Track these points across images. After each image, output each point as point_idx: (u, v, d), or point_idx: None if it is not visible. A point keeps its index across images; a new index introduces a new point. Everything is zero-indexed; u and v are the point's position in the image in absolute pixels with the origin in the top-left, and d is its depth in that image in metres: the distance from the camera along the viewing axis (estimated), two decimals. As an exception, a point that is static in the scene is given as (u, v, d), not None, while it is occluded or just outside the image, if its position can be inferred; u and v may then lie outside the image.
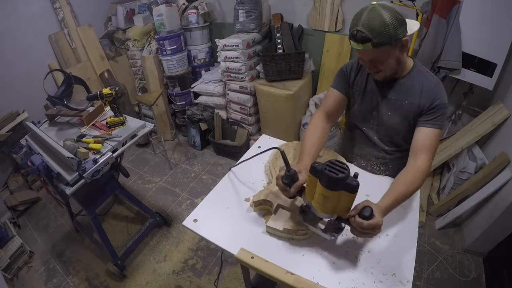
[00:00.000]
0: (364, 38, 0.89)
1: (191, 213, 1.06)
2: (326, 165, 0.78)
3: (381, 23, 0.87)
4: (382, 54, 0.93)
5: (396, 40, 0.90)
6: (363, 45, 0.90)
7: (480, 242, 1.88)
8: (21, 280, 2.08)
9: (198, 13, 2.76)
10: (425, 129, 1.01)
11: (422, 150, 0.99)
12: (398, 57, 0.97)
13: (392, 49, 0.93)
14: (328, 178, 0.76)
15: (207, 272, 1.98)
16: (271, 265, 0.87)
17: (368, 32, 0.88)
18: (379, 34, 0.87)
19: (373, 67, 1.00)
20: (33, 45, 2.69)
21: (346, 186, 0.76)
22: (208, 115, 2.94)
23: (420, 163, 0.97)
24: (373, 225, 0.79)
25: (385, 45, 0.90)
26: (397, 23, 0.89)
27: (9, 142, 2.53)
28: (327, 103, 1.20)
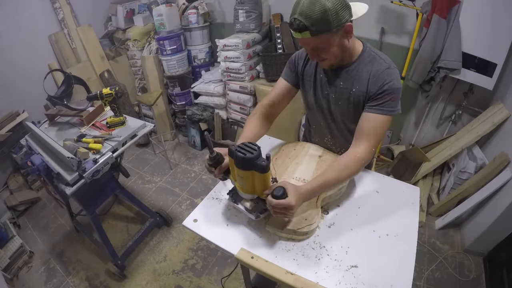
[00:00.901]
0: (301, 27, 0.84)
1: (191, 213, 1.06)
2: (237, 146, 0.83)
3: (320, 9, 0.81)
4: (323, 42, 0.89)
5: (337, 27, 0.86)
6: (301, 33, 0.86)
7: (480, 242, 1.88)
8: (21, 280, 2.08)
9: (198, 13, 2.76)
10: (369, 114, 0.97)
11: (363, 136, 0.96)
12: (341, 44, 0.93)
13: (333, 36, 0.88)
14: (237, 158, 0.81)
15: (207, 272, 1.98)
16: (271, 265, 0.87)
17: (305, 20, 0.83)
18: (317, 21, 0.83)
19: (315, 56, 0.96)
20: (33, 45, 2.69)
21: (255, 166, 0.81)
22: (208, 115, 2.94)
23: (359, 150, 0.95)
24: (283, 205, 0.81)
25: (325, 33, 0.86)
26: (339, 7, 0.83)
27: (9, 142, 2.53)
28: (273, 92, 1.18)
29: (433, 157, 2.26)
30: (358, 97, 1.01)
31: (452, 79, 2.07)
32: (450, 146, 2.17)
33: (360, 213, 1.03)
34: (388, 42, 2.25)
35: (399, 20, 2.13)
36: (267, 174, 0.83)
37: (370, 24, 2.25)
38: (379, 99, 0.96)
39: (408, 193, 1.11)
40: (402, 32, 2.17)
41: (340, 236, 0.96)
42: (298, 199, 0.84)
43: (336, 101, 1.08)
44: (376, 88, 0.96)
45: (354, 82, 1.01)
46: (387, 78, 0.95)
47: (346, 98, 1.04)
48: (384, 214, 1.02)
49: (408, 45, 2.10)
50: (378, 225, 0.98)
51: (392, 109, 0.97)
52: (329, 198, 1.06)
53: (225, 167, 0.96)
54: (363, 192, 1.12)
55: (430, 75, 2.02)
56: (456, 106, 2.24)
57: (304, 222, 0.94)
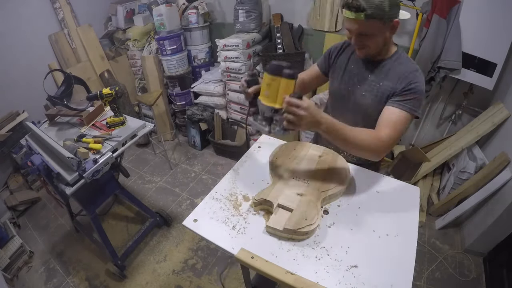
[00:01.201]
0: (359, 7, 0.87)
1: (191, 213, 1.06)
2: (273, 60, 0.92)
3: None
4: (372, 28, 0.92)
5: (388, 18, 0.90)
6: (356, 13, 0.89)
7: (480, 242, 1.88)
8: (21, 280, 2.08)
9: (198, 13, 2.77)
10: (392, 108, 1.00)
11: (385, 125, 0.98)
12: (386, 37, 0.97)
13: (383, 26, 0.92)
14: (271, 66, 0.92)
15: (207, 272, 1.98)
16: (271, 265, 0.87)
17: (364, 2, 0.86)
18: (375, 6, 0.87)
19: (359, 42, 0.99)
20: (33, 45, 2.69)
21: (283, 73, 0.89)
22: (208, 115, 2.94)
23: (380, 133, 0.97)
24: (296, 103, 0.84)
25: (377, 20, 0.89)
26: (393, 2, 0.89)
27: (9, 142, 2.53)
28: (304, 73, 1.27)
29: (433, 157, 2.26)
30: (384, 92, 1.04)
31: (452, 79, 2.07)
32: (450, 146, 2.17)
33: (360, 213, 1.03)
34: (388, 42, 2.25)
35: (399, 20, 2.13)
36: (292, 81, 0.90)
37: (370, 24, 2.25)
38: (403, 95, 0.99)
39: (408, 193, 1.11)
40: (402, 32, 2.17)
41: (340, 236, 0.96)
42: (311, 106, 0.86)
43: (361, 92, 1.11)
44: (403, 85, 1.00)
45: (383, 77, 1.05)
46: (414, 78, 0.99)
47: (371, 91, 1.08)
48: (384, 214, 1.02)
49: (408, 45, 2.10)
50: (378, 225, 0.98)
51: (414, 109, 0.99)
52: (329, 198, 1.06)
53: (257, 89, 1.00)
54: (363, 192, 1.12)
55: (430, 75, 2.02)
56: (456, 106, 2.24)
57: (304, 222, 0.94)
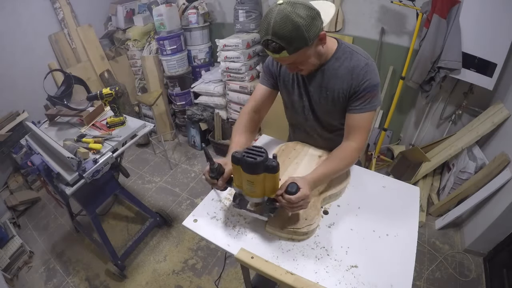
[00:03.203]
0: (278, 48, 0.83)
1: (191, 213, 1.06)
2: (244, 152, 0.82)
3: (292, 27, 0.79)
4: (300, 57, 0.88)
5: (312, 39, 0.84)
6: (278, 54, 0.85)
7: (480, 242, 1.88)
8: (21, 280, 2.08)
9: (198, 13, 2.77)
10: (354, 115, 1.00)
11: (353, 132, 1.01)
12: (317, 52, 0.93)
13: (310, 48, 0.87)
14: (247, 164, 0.80)
15: (207, 272, 1.98)
16: (271, 265, 0.87)
17: (280, 41, 0.81)
18: (293, 39, 0.81)
19: (294, 68, 0.96)
20: (33, 45, 2.69)
21: (266, 168, 0.81)
22: (208, 115, 2.94)
23: (352, 142, 1.00)
24: (301, 198, 0.84)
25: (302, 49, 0.85)
26: (310, 20, 0.81)
27: (9, 142, 2.53)
28: (254, 98, 1.19)
29: (433, 157, 2.26)
30: (338, 94, 1.02)
31: (452, 79, 2.07)
32: (450, 146, 2.17)
33: (360, 213, 1.03)
34: (388, 42, 2.25)
35: (399, 20, 2.13)
36: (277, 174, 0.84)
37: (370, 24, 2.25)
38: (360, 99, 0.98)
39: (408, 193, 1.11)
40: (402, 32, 2.17)
41: (340, 236, 0.96)
42: (309, 188, 0.88)
43: (317, 100, 1.09)
44: (356, 86, 0.97)
45: (332, 80, 1.01)
46: (365, 74, 0.95)
47: (325, 97, 1.05)
48: (384, 214, 1.02)
49: (408, 45, 2.10)
50: (378, 225, 0.98)
51: (374, 105, 0.99)
52: (329, 198, 1.06)
53: (227, 177, 0.94)
54: (363, 192, 1.12)
55: (430, 75, 2.02)
56: (456, 106, 2.24)
57: (304, 222, 0.94)
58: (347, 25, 2.36)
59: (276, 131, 2.59)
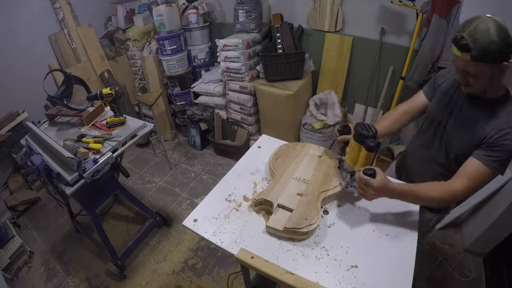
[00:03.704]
0: (465, 47, 0.84)
1: (191, 213, 1.07)
2: (361, 124, 0.98)
3: (487, 38, 0.80)
4: (477, 70, 0.86)
5: (495, 61, 0.84)
6: (461, 52, 0.85)
7: (480, 242, 1.88)
8: (21, 280, 2.08)
9: (198, 13, 2.77)
10: (477, 161, 0.93)
11: (464, 177, 0.94)
12: (493, 78, 0.89)
13: (489, 68, 0.85)
14: (356, 131, 0.98)
15: (207, 272, 1.98)
16: (271, 265, 0.87)
17: (470, 42, 0.82)
18: (481, 48, 0.81)
19: (463, 78, 0.93)
20: (33, 45, 2.69)
21: (365, 142, 0.95)
22: (208, 115, 2.94)
23: (456, 184, 0.93)
24: (365, 181, 0.89)
25: (483, 62, 0.84)
26: (504, 44, 0.81)
27: (9, 142, 2.53)
28: (412, 100, 1.22)
29: (433, 157, 2.26)
30: (477, 134, 0.95)
31: (452, 79, 2.07)
32: (450, 146, 2.17)
33: (360, 213, 1.03)
34: (388, 42, 2.25)
35: (399, 20, 2.13)
36: (370, 153, 0.95)
37: (370, 24, 2.25)
38: (493, 151, 0.91)
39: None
40: (402, 32, 2.17)
41: (340, 236, 0.96)
42: (381, 186, 0.89)
43: (456, 126, 1.03)
44: (496, 137, 0.91)
45: (482, 118, 0.96)
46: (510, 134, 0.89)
47: (463, 127, 1.01)
48: (384, 215, 1.02)
49: (408, 45, 2.10)
50: (378, 225, 0.98)
51: (498, 168, 0.92)
52: (329, 198, 1.07)
53: (347, 138, 1.08)
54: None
55: (430, 75, 2.02)
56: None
57: (304, 222, 0.94)
58: (347, 25, 2.36)
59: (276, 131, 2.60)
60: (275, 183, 1.10)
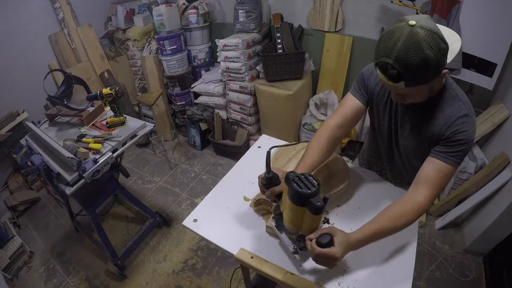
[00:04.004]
0: (396, 77, 0.73)
1: (191, 213, 1.07)
2: (296, 177, 0.74)
3: (420, 59, 0.68)
4: (415, 91, 0.79)
5: (434, 77, 0.75)
6: (394, 83, 0.75)
7: (480, 242, 1.88)
8: (21, 280, 2.08)
9: (198, 13, 2.76)
10: (436, 161, 0.86)
11: (425, 183, 0.86)
12: (432, 88, 0.84)
13: (427, 86, 0.78)
14: (293, 190, 0.73)
15: (207, 272, 1.98)
16: (270, 265, 0.87)
17: (402, 69, 0.71)
18: (416, 74, 0.71)
19: (400, 99, 0.86)
20: (33, 45, 2.69)
21: (309, 204, 0.73)
22: (208, 115, 2.94)
23: (419, 197, 0.85)
24: (326, 255, 0.75)
25: (421, 85, 0.76)
26: (440, 56, 0.70)
27: (9, 142, 2.53)
28: (342, 110, 1.05)
29: (433, 157, 2.26)
30: (428, 135, 0.91)
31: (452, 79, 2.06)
32: (450, 146, 2.16)
33: (360, 214, 1.03)
34: (388, 42, 2.25)
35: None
36: (319, 216, 0.77)
37: (370, 24, 2.25)
38: (450, 147, 0.86)
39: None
40: (402, 32, 2.17)
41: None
42: (344, 250, 0.78)
43: (406, 135, 0.99)
44: (449, 134, 0.86)
45: (428, 120, 0.91)
46: (463, 126, 0.85)
47: (414, 133, 0.96)
48: (384, 214, 1.02)
49: (408, 45, 2.10)
50: (378, 225, 0.98)
51: (459, 161, 0.86)
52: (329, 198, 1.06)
53: (278, 191, 0.88)
54: (363, 192, 1.12)
55: (430, 75, 2.01)
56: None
57: (304, 222, 0.94)
58: (347, 25, 2.36)
59: (276, 131, 2.60)
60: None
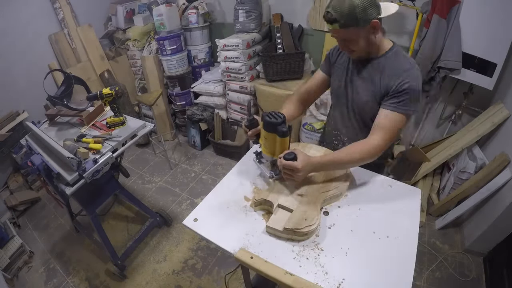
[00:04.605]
0: (332, 19, 0.95)
1: (191, 213, 1.06)
2: (267, 114, 0.99)
3: (349, 5, 0.90)
4: (350, 35, 0.98)
5: (364, 22, 0.94)
6: (331, 25, 0.97)
7: (480, 242, 1.88)
8: (21, 280, 2.08)
9: (198, 13, 2.76)
10: (385, 111, 1.03)
11: (378, 129, 1.02)
12: (368, 39, 1.00)
13: (360, 30, 0.96)
14: (264, 121, 0.99)
15: (207, 272, 1.98)
16: (270, 265, 0.87)
17: (335, 14, 0.93)
18: (346, 16, 0.92)
19: (345, 47, 1.04)
20: (33, 45, 2.69)
21: (277, 130, 0.97)
22: (208, 115, 2.94)
23: (373, 140, 1.01)
24: (290, 166, 0.96)
25: (352, 27, 0.95)
26: (368, 5, 0.91)
27: (9, 142, 2.53)
28: (311, 80, 1.30)
29: (433, 157, 2.26)
30: (377, 90, 1.06)
31: (452, 79, 2.07)
32: (450, 146, 2.17)
33: (361, 214, 1.03)
34: (388, 42, 2.25)
35: (399, 20, 2.13)
36: (285, 139, 0.99)
37: (370, 24, 2.25)
38: (396, 97, 1.01)
39: (409, 195, 1.10)
40: (402, 32, 2.17)
41: (340, 237, 0.96)
42: (305, 165, 0.97)
43: (357, 89, 1.14)
44: (396, 84, 1.01)
45: (376, 75, 1.07)
46: (408, 76, 1.00)
47: (366, 88, 1.11)
48: (384, 216, 1.02)
49: (408, 45, 2.10)
50: (379, 227, 0.98)
51: (408, 109, 1.01)
52: (330, 199, 1.06)
53: (257, 131, 1.11)
54: (363, 193, 1.12)
55: (430, 75, 2.02)
56: (456, 106, 2.24)
57: (304, 223, 0.94)
58: (347, 25, 2.36)
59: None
60: (275, 183, 1.10)
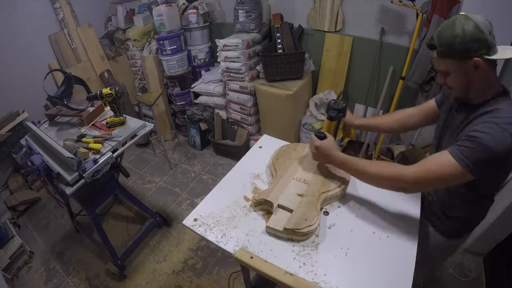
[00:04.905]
0: (431, 45, 0.89)
1: (192, 212, 1.07)
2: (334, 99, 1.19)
3: (451, 34, 0.83)
4: (446, 66, 0.88)
5: (461, 55, 0.83)
6: (431, 51, 0.90)
7: (480, 242, 1.88)
8: (21, 280, 2.08)
9: (198, 13, 2.77)
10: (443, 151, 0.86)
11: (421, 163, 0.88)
12: (467, 77, 0.86)
13: (457, 64, 0.85)
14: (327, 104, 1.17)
15: (207, 272, 1.98)
16: (270, 265, 0.87)
17: (436, 40, 0.87)
18: (445, 44, 0.85)
19: (441, 80, 0.94)
20: (33, 45, 2.69)
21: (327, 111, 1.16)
22: (208, 115, 2.94)
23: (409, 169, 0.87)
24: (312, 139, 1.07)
25: (448, 58, 0.86)
26: (469, 38, 0.82)
27: (9, 142, 2.53)
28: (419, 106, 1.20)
29: (433, 157, 2.25)
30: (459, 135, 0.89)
31: (452, 79, 2.06)
32: (450, 146, 2.16)
33: (361, 215, 1.03)
34: (388, 42, 2.25)
35: (399, 20, 2.13)
36: (331, 122, 1.15)
37: (370, 24, 2.25)
38: (461, 140, 0.84)
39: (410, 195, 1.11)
40: (402, 32, 2.17)
41: (340, 237, 0.96)
42: (323, 146, 1.04)
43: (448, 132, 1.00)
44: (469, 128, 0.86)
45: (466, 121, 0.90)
46: (484, 128, 0.81)
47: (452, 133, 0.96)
48: (385, 216, 1.02)
49: (408, 45, 2.10)
50: (379, 227, 0.98)
51: (463, 158, 0.80)
52: (330, 199, 1.06)
53: None
54: (363, 193, 1.12)
55: (430, 75, 2.02)
56: (456, 106, 2.24)
57: (304, 223, 0.94)
58: (347, 25, 2.36)
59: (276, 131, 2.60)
60: (275, 183, 1.10)
